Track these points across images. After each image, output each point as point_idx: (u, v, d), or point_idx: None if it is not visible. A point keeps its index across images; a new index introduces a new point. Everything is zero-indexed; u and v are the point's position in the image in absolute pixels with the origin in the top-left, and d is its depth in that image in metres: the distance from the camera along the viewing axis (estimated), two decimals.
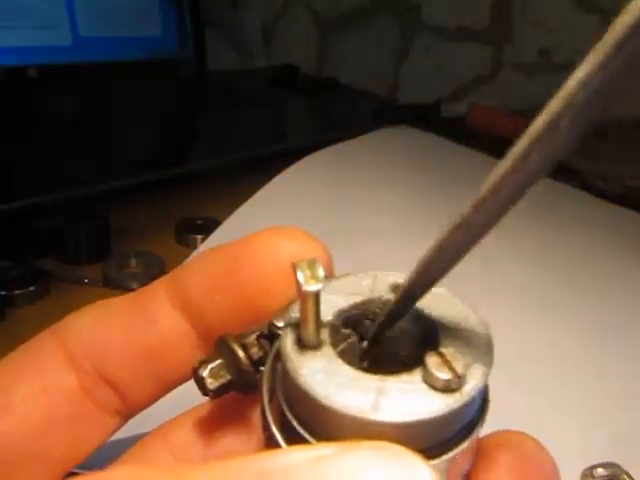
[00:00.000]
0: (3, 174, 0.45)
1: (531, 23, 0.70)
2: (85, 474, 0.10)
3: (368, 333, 0.14)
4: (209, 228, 0.41)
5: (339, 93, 0.75)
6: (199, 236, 0.42)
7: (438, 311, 0.14)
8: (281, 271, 0.15)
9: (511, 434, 0.15)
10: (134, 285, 0.36)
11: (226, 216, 0.41)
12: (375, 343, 0.14)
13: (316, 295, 0.12)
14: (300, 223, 0.17)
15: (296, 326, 0.13)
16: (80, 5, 0.61)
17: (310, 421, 0.13)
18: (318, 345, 0.13)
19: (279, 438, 0.13)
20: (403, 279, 0.13)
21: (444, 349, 0.13)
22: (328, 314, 0.14)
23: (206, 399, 0.15)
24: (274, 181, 0.45)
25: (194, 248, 0.41)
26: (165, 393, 0.17)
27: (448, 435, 0.13)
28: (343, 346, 0.14)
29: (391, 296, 0.14)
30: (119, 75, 0.64)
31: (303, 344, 0.13)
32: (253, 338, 0.15)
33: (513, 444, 0.14)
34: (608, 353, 0.34)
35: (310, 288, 0.12)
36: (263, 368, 0.15)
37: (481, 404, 0.13)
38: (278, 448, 0.13)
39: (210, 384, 0.15)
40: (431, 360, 0.12)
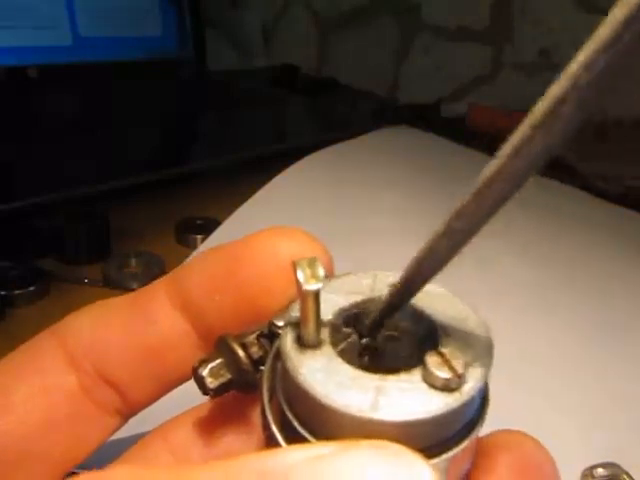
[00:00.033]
0: (3, 174, 0.45)
1: (531, 23, 0.70)
2: (85, 474, 0.10)
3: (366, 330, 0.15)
4: (209, 228, 0.41)
5: (339, 93, 0.75)
6: (199, 236, 0.42)
7: (438, 311, 0.14)
8: (281, 271, 0.15)
9: (511, 434, 0.15)
10: (134, 285, 0.36)
11: (226, 216, 0.41)
12: (372, 337, 0.14)
13: (316, 294, 0.12)
14: (300, 223, 0.17)
15: (296, 325, 0.13)
16: (80, 5, 0.61)
17: (310, 420, 0.13)
18: (318, 344, 0.13)
19: (279, 437, 0.13)
20: None
21: (444, 348, 0.13)
22: (328, 313, 0.14)
23: (206, 399, 0.15)
24: (274, 181, 0.45)
25: (194, 248, 0.41)
26: (165, 393, 0.17)
27: (448, 434, 0.13)
28: (343, 345, 0.14)
29: None
30: (119, 75, 0.64)
31: (303, 343, 0.13)
32: (253, 338, 0.15)
33: (513, 444, 0.14)
34: (608, 353, 0.34)
35: (310, 287, 0.12)
36: (263, 367, 0.15)
37: (481, 403, 0.13)
38: (278, 447, 0.13)
39: (210, 383, 0.15)
40: (431, 359, 0.12)
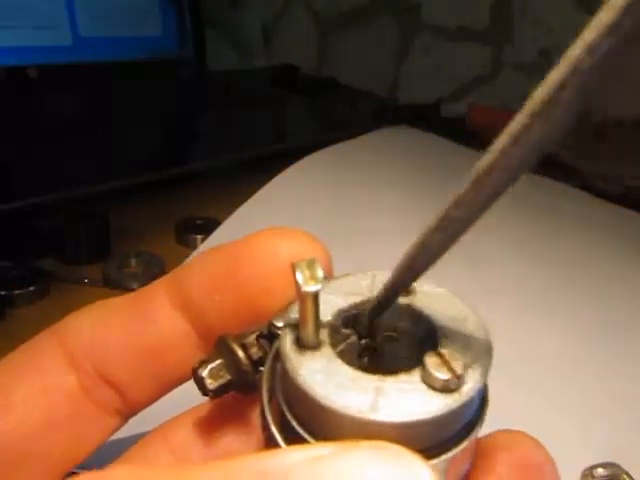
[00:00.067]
0: (3, 174, 0.45)
1: (531, 23, 0.70)
2: (85, 474, 0.10)
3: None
4: (209, 228, 0.41)
5: (339, 93, 0.75)
6: (199, 236, 0.42)
7: (438, 311, 0.14)
8: (281, 271, 0.15)
9: (511, 434, 0.15)
10: (134, 285, 0.36)
11: (226, 216, 0.41)
12: (371, 338, 0.14)
13: (315, 295, 0.12)
14: (300, 223, 0.17)
15: (295, 326, 0.13)
16: (80, 5, 0.61)
17: (309, 421, 0.13)
18: (317, 345, 0.13)
19: (278, 438, 0.13)
20: None
21: (443, 349, 0.13)
22: (327, 314, 0.14)
23: (206, 399, 0.15)
24: (274, 181, 0.45)
25: (194, 248, 0.41)
26: (165, 393, 0.17)
27: (447, 435, 0.13)
28: (342, 346, 0.14)
29: None
30: (119, 75, 0.64)
31: (302, 344, 0.13)
32: (253, 338, 0.15)
33: (513, 444, 0.14)
34: (608, 353, 0.34)
35: (309, 288, 0.12)
36: (263, 368, 0.15)
37: (480, 404, 0.13)
38: (277, 448, 0.13)
39: (210, 384, 0.15)
40: (430, 360, 0.12)
